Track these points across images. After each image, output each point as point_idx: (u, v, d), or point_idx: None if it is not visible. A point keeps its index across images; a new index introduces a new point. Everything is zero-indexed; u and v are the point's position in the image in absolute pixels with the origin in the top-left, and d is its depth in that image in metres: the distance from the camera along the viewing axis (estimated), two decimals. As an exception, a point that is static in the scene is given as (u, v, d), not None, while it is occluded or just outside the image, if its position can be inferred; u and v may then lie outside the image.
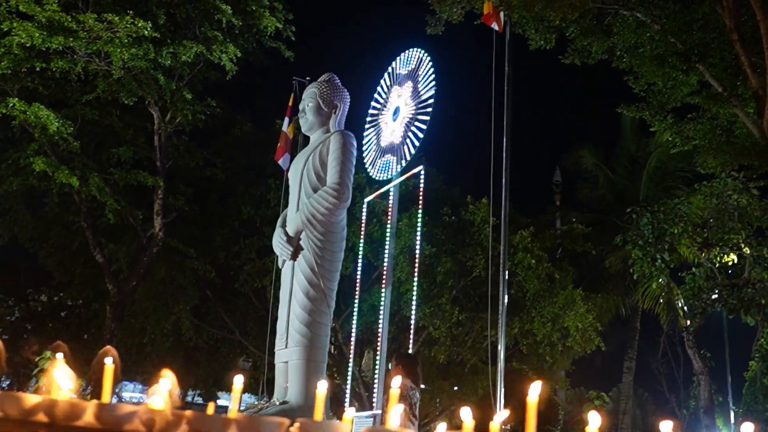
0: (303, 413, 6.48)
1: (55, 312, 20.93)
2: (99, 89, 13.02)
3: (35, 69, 11.89)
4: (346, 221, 7.57)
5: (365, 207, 11.34)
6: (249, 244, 16.87)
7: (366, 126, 10.58)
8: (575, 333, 15.96)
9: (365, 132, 10.56)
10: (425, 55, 9.57)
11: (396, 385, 1.48)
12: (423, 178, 10.12)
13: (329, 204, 7.08)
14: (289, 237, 7.16)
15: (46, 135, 12.27)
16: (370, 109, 10.57)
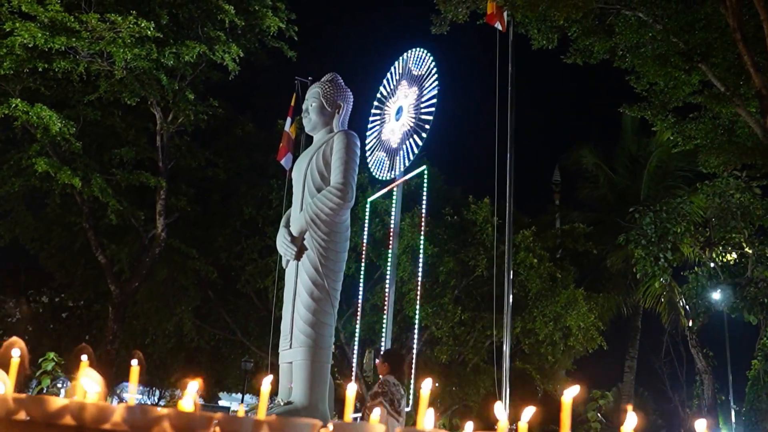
0: (307, 413, 6.46)
1: (57, 313, 20.95)
2: (101, 89, 13.00)
3: (37, 69, 11.86)
4: (350, 221, 7.58)
5: (368, 207, 11.37)
6: (251, 244, 16.88)
7: (372, 110, 10.79)
8: (577, 332, 15.99)
9: (371, 117, 10.76)
10: (434, 68, 9.66)
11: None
12: (426, 178, 10.16)
13: (333, 204, 7.06)
14: (293, 237, 7.14)
15: (48, 136, 12.25)
16: (377, 94, 10.88)
